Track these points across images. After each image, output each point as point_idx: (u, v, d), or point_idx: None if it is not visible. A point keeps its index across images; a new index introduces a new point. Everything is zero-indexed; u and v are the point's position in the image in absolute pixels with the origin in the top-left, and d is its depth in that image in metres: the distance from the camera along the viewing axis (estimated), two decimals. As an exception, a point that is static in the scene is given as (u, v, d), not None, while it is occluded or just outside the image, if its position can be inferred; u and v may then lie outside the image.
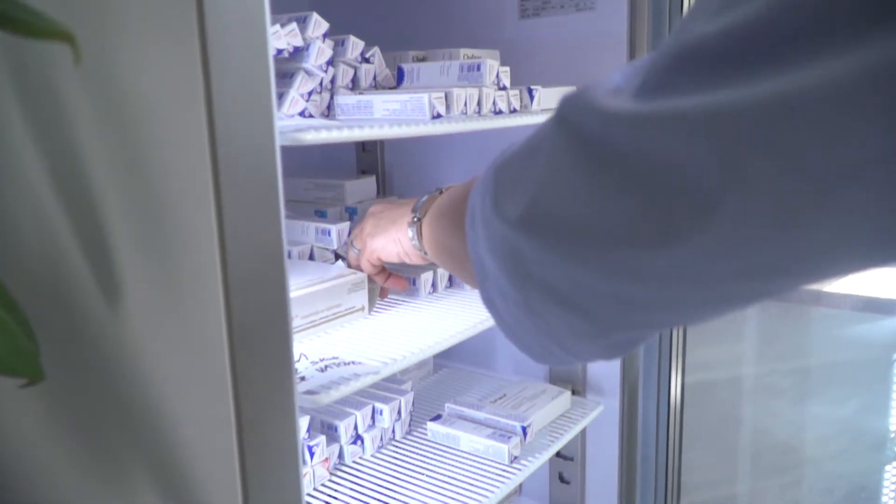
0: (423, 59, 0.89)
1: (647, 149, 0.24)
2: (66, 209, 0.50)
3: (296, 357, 0.65)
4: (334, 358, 0.65)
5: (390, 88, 0.84)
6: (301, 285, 0.74)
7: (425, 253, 0.62)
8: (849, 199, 0.21)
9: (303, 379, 0.60)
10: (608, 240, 0.26)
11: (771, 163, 0.21)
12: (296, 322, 0.72)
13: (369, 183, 1.03)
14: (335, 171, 1.19)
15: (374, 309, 0.83)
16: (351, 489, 0.83)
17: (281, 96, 0.71)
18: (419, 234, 0.62)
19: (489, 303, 0.37)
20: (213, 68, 0.40)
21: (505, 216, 0.31)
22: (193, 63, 0.39)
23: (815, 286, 1.16)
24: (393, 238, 0.68)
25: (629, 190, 0.25)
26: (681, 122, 0.23)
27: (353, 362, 0.64)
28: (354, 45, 0.79)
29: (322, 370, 0.62)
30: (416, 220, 0.62)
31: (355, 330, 0.77)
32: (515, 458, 0.88)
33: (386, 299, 0.87)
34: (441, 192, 0.56)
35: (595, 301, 0.29)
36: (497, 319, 0.37)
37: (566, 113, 0.28)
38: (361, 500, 0.81)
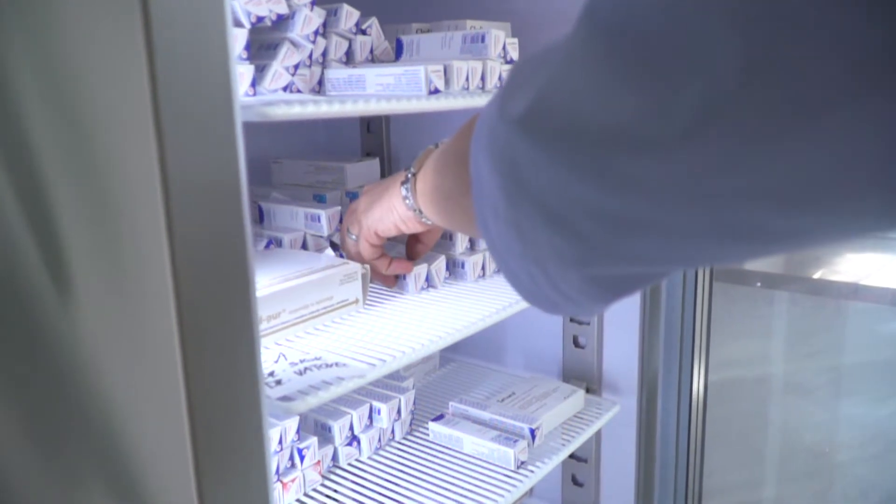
0: (427, 32, 0.82)
1: (671, 25, 0.22)
2: (14, 196, 0.45)
3: (274, 357, 0.60)
4: (316, 359, 0.59)
5: (389, 62, 0.77)
6: (289, 277, 0.68)
7: (420, 212, 0.60)
8: (874, 99, 0.19)
9: (279, 383, 0.54)
10: (608, 139, 0.25)
11: (802, 48, 0.20)
12: (284, 317, 0.67)
13: (372, 166, 0.97)
14: (340, 153, 1.12)
15: (370, 303, 0.77)
16: (345, 494, 0.78)
17: (263, 69, 0.64)
18: (413, 190, 0.60)
19: (483, 224, 0.36)
20: (154, 26, 0.34)
21: (507, 115, 0.29)
22: (133, 25, 0.34)
23: (853, 278, 1.09)
24: (387, 206, 0.65)
25: (641, 76, 0.23)
26: None
27: (337, 364, 0.58)
28: (349, 15, 0.72)
29: (301, 373, 0.56)
30: (410, 175, 0.60)
31: (349, 325, 0.71)
32: (522, 463, 0.82)
33: (383, 292, 0.81)
34: (437, 146, 0.53)
35: (583, 217, 0.28)
36: (489, 243, 0.36)
37: (590, 1, 0.26)
38: (355, 507, 0.76)
